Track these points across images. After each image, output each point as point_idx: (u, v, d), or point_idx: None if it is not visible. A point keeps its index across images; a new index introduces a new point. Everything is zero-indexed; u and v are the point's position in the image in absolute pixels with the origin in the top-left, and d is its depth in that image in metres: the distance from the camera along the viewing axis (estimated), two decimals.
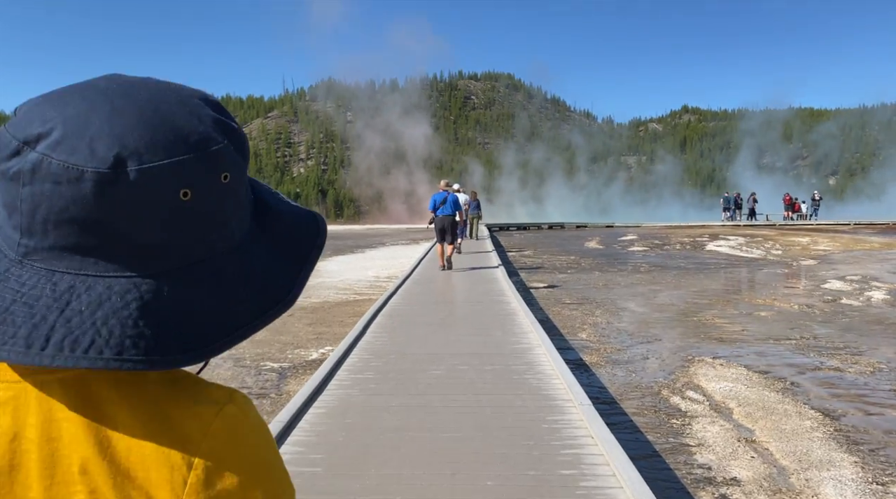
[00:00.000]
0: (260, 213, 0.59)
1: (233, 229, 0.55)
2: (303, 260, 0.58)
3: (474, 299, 8.82)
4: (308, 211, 0.63)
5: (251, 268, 0.55)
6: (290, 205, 0.62)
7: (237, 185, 0.54)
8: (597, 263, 18.62)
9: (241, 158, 0.55)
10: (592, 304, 11.42)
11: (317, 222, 0.62)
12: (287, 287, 0.56)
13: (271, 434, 0.57)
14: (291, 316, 10.42)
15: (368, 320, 6.89)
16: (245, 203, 0.57)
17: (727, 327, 9.17)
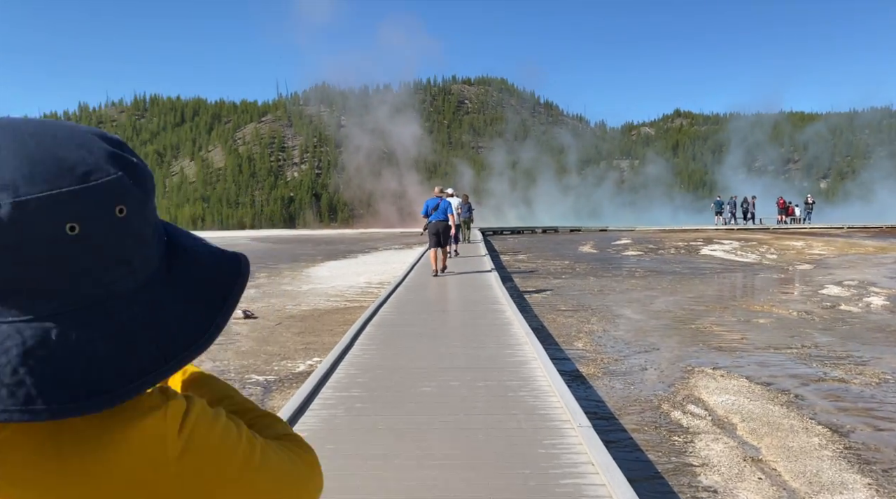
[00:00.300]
0: (172, 254, 0.56)
1: (135, 269, 0.51)
2: (219, 304, 0.55)
3: (468, 307, 8.57)
4: (230, 253, 0.60)
5: (155, 311, 0.52)
6: (209, 247, 0.59)
7: (137, 220, 0.51)
8: (591, 268, 18.41)
9: (140, 192, 0.51)
10: (588, 311, 11.19)
11: (238, 264, 0.59)
12: (199, 332, 0.53)
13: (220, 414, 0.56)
14: (280, 325, 10.16)
15: (357, 332, 6.63)
16: (150, 241, 0.53)
17: (726, 335, 8.95)
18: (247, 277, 0.60)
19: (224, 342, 8.92)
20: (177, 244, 0.57)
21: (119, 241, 0.50)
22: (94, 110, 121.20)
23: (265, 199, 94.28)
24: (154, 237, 0.54)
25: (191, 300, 0.54)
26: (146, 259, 0.53)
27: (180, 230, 0.60)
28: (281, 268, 19.33)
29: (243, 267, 0.59)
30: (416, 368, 5.24)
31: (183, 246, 0.57)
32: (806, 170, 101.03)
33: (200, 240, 0.60)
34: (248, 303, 12.55)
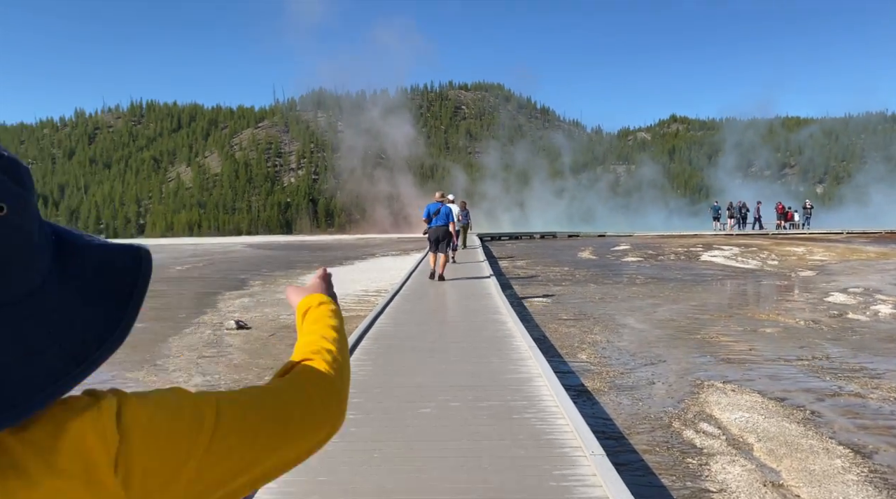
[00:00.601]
0: (65, 254, 0.53)
1: (26, 271, 0.49)
2: (125, 299, 0.53)
3: (467, 318, 8.29)
4: (128, 246, 0.57)
5: (55, 314, 0.49)
6: (104, 242, 0.56)
7: (19, 218, 0.48)
8: (592, 275, 18.16)
9: (19, 188, 0.48)
10: (590, 319, 10.92)
11: (138, 256, 0.56)
12: (107, 331, 0.51)
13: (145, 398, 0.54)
14: (273, 336, 9.87)
15: (352, 346, 6.33)
16: (36, 241, 0.50)
17: (733, 346, 8.69)
18: (150, 270, 0.56)
19: (215, 355, 8.63)
20: (68, 242, 0.54)
21: (4, 242, 0.46)
22: (91, 116, 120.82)
23: (262, 204, 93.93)
24: (41, 236, 0.51)
25: (94, 299, 0.52)
26: (36, 260, 0.50)
27: (69, 229, 0.56)
28: (276, 275, 19.03)
29: (144, 260, 0.56)
30: (414, 386, 4.96)
31: (75, 244, 0.54)
32: (802, 174, 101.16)
33: (93, 237, 0.56)
34: (241, 312, 12.26)
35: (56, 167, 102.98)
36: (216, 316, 11.86)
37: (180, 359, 8.41)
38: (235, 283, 17.23)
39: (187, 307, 13.05)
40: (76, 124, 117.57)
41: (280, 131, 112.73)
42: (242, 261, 24.97)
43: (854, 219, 50.41)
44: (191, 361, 8.24)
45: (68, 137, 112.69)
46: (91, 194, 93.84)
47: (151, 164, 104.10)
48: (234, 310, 12.57)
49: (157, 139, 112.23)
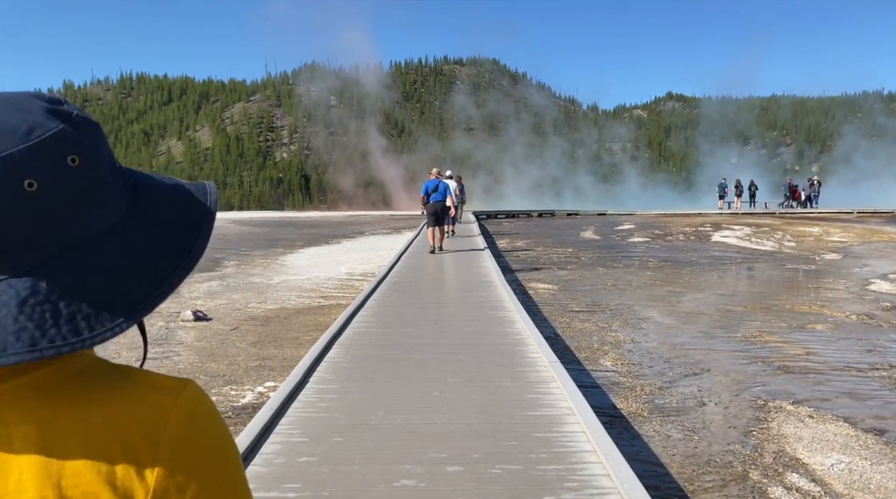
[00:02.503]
0: (141, 194, 0.58)
1: (102, 212, 0.54)
2: (195, 228, 0.58)
3: (467, 316, 6.77)
4: (196, 183, 0.62)
5: (132, 245, 0.54)
6: (175, 181, 0.62)
7: (93, 167, 0.54)
8: (598, 258, 16.65)
9: (89, 141, 0.54)
10: (606, 312, 9.43)
11: (205, 191, 0.61)
12: (180, 256, 0.56)
13: (224, 422, 0.58)
14: (235, 330, 8.34)
15: (314, 360, 4.77)
16: (113, 185, 0.56)
17: (785, 349, 7.22)
18: (215, 203, 0.61)
19: (160, 355, 7.11)
20: (143, 183, 0.59)
21: (79, 189, 0.52)
22: (80, 88, 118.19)
23: (253, 180, 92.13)
24: (116, 180, 0.56)
25: (168, 231, 0.56)
26: (112, 202, 0.55)
27: (145, 173, 0.61)
28: (254, 255, 17.44)
29: (210, 194, 0.61)
30: (393, 428, 3.46)
31: (149, 184, 0.59)
32: (798, 153, 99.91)
33: (165, 177, 0.62)
34: (205, 299, 10.72)
35: None
36: (175, 304, 10.30)
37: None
38: (207, 263, 15.65)
39: None
40: (65, 96, 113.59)
41: (272, 105, 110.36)
42: (222, 238, 23.33)
43: (852, 198, 48.73)
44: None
45: None
46: None
47: (142, 137, 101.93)
48: (197, 296, 11.02)
49: (147, 112, 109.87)
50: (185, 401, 0.55)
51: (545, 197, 73.76)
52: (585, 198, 70.85)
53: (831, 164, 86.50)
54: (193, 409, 0.55)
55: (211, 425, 0.56)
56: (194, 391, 0.57)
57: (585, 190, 78.34)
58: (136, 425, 0.52)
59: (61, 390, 0.52)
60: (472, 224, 24.92)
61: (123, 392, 0.54)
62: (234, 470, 0.57)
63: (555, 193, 76.47)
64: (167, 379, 0.57)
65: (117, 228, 0.54)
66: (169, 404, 0.54)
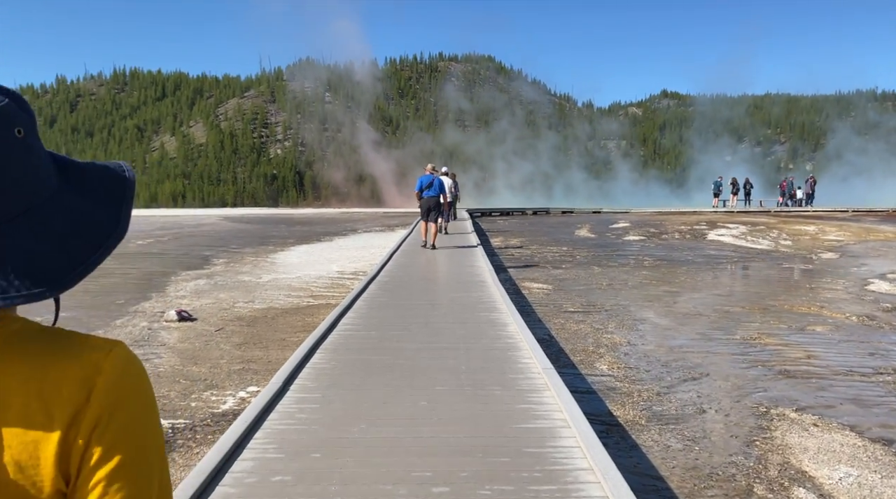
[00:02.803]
0: (63, 169, 0.64)
1: (43, 180, 0.59)
2: (119, 200, 0.63)
3: (458, 318, 6.54)
4: (112, 162, 0.67)
5: (72, 211, 0.60)
6: (92, 161, 0.67)
7: (32, 139, 0.59)
8: (593, 256, 16.45)
9: (27, 116, 0.60)
10: (601, 312, 9.22)
11: (121, 166, 0.67)
12: (112, 224, 0.62)
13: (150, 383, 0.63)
14: (221, 331, 8.09)
15: (297, 365, 4.54)
16: (45, 156, 0.62)
17: (785, 352, 7.02)
18: (134, 177, 0.66)
19: (141, 357, 6.83)
20: (63, 160, 0.64)
21: (26, 158, 0.57)
22: (73, 83, 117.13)
23: (247, 176, 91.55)
24: (45, 153, 0.62)
25: (97, 201, 0.62)
26: (49, 172, 0.61)
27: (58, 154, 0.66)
28: (244, 253, 17.16)
29: (128, 170, 0.66)
30: (375, 446, 3.22)
31: (67, 161, 0.64)
32: (792, 152, 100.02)
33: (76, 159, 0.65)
34: (191, 298, 10.46)
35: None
36: (160, 303, 10.04)
37: None
38: (196, 261, 15.37)
39: (130, 291, 11.21)
40: (57, 91, 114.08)
41: (266, 101, 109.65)
42: (213, 235, 23.03)
43: (846, 197, 48.72)
44: None
45: (49, 104, 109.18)
46: None
47: (135, 133, 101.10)
48: (184, 295, 10.75)
49: (140, 108, 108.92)
50: (115, 356, 0.59)
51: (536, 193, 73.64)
52: (578, 194, 70.99)
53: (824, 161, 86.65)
54: (123, 366, 0.59)
55: (138, 381, 0.61)
56: (124, 350, 0.61)
57: (578, 186, 78.32)
58: (72, 378, 0.56)
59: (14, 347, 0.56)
60: (466, 221, 24.71)
61: (59, 350, 0.57)
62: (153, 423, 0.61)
63: (547, 189, 76.49)
64: (98, 339, 0.61)
65: (55, 196, 0.59)
66: (101, 359, 0.58)
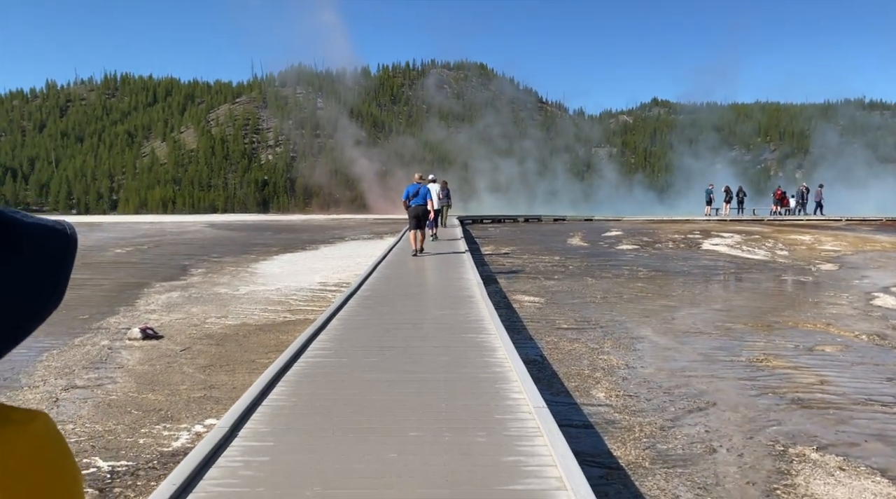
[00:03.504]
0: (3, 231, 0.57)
1: None
2: (59, 265, 0.57)
3: (442, 340, 5.97)
4: (55, 223, 0.61)
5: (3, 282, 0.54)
6: (33, 217, 0.59)
7: None
8: (586, 266, 15.93)
9: None
10: (596, 329, 8.68)
11: (64, 229, 0.61)
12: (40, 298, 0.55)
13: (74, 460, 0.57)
14: (187, 351, 7.48)
15: (252, 402, 3.95)
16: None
17: (796, 376, 6.49)
18: (76, 238, 0.60)
19: (91, 384, 6.24)
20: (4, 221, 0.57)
21: None
22: (63, 88, 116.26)
23: (238, 182, 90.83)
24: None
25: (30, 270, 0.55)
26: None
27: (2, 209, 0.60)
28: (225, 262, 16.52)
29: (69, 231, 0.60)
30: (344, 489, 2.65)
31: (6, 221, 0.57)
32: (782, 160, 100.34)
33: (22, 213, 0.59)
34: (161, 312, 9.83)
35: (26, 140, 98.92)
36: (127, 318, 9.42)
37: (37, 391, 6.00)
38: (173, 271, 14.73)
39: (98, 304, 10.57)
40: (47, 96, 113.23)
41: (258, 107, 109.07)
42: (195, 243, 22.36)
43: (835, 205, 48.56)
44: (49, 396, 5.84)
45: (39, 109, 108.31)
46: (62, 168, 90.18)
47: (125, 138, 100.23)
48: (154, 309, 10.12)
49: (131, 113, 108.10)
50: (32, 433, 0.54)
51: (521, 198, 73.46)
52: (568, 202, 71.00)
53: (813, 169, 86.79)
54: (41, 442, 0.54)
55: (56, 462, 0.55)
56: (44, 424, 0.55)
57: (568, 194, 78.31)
58: None
59: None
60: (456, 228, 24.19)
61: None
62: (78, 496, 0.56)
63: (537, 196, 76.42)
64: (15, 411, 0.55)
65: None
66: (14, 436, 0.52)
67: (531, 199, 74.09)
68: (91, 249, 19.95)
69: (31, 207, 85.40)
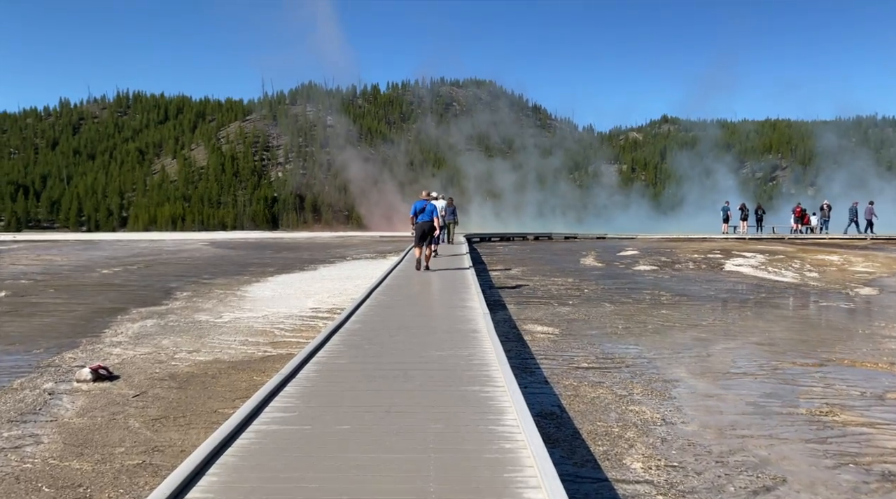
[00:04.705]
0: None
1: None
2: None
3: (434, 398, 4.79)
4: None
5: None
6: None
7: None
8: (603, 290, 14.71)
9: None
10: (622, 369, 7.46)
11: None
12: None
13: None
14: (140, 397, 6.35)
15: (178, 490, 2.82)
16: None
17: (876, 438, 5.25)
18: None
19: (8, 445, 5.10)
20: None
21: None
22: (76, 106, 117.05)
23: (248, 199, 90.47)
24: None
25: None
26: None
27: None
28: (215, 284, 15.42)
29: None
30: None
31: None
32: (794, 177, 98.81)
33: None
34: (126, 346, 8.71)
35: (38, 157, 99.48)
36: (86, 353, 8.31)
37: None
38: (156, 295, 13.65)
39: (61, 335, 9.48)
40: (60, 114, 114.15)
41: (268, 125, 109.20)
42: (188, 263, 21.31)
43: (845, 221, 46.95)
44: None
45: (52, 126, 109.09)
46: (73, 186, 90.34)
47: (136, 155, 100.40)
48: (120, 341, 9.01)
49: (143, 131, 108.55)
50: None
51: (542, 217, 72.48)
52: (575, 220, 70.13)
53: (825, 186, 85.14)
54: None
55: None
56: None
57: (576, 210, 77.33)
58: None
59: None
60: (462, 245, 23.07)
61: None
62: None
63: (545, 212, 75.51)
64: None
65: None
66: None
67: (539, 215, 73.21)
68: (77, 269, 18.97)
69: (41, 224, 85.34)
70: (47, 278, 16.71)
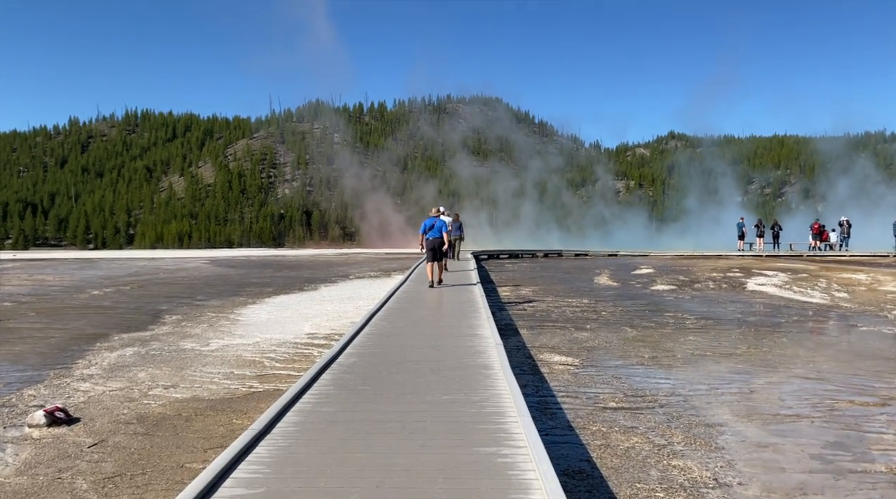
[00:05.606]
0: None
1: None
2: None
3: (440, 462, 3.86)
4: None
5: None
6: None
7: None
8: (622, 312, 13.73)
9: None
10: (656, 411, 6.49)
11: None
12: None
13: None
14: (99, 445, 5.44)
15: None
16: None
17: None
18: None
19: None
20: None
21: None
22: (85, 125, 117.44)
23: (254, 216, 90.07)
24: None
25: None
26: None
27: None
28: (208, 306, 14.52)
29: None
30: None
31: None
32: (803, 193, 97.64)
33: None
34: (97, 379, 7.81)
35: (47, 175, 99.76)
36: (50, 389, 7.40)
37: None
38: (144, 318, 12.77)
39: (28, 366, 8.59)
40: (69, 132, 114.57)
41: (275, 142, 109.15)
42: (184, 282, 20.46)
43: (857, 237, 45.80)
44: None
45: (61, 145, 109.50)
46: (81, 203, 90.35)
47: (144, 173, 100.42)
48: (92, 374, 8.10)
49: (151, 149, 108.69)
50: None
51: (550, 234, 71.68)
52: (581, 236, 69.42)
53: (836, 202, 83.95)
54: None
55: None
56: None
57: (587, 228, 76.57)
58: None
59: None
60: (470, 261, 22.16)
61: None
62: None
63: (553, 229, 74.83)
64: None
65: None
66: None
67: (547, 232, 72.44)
68: (67, 290, 18.13)
69: (49, 242, 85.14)
70: (32, 300, 15.87)
